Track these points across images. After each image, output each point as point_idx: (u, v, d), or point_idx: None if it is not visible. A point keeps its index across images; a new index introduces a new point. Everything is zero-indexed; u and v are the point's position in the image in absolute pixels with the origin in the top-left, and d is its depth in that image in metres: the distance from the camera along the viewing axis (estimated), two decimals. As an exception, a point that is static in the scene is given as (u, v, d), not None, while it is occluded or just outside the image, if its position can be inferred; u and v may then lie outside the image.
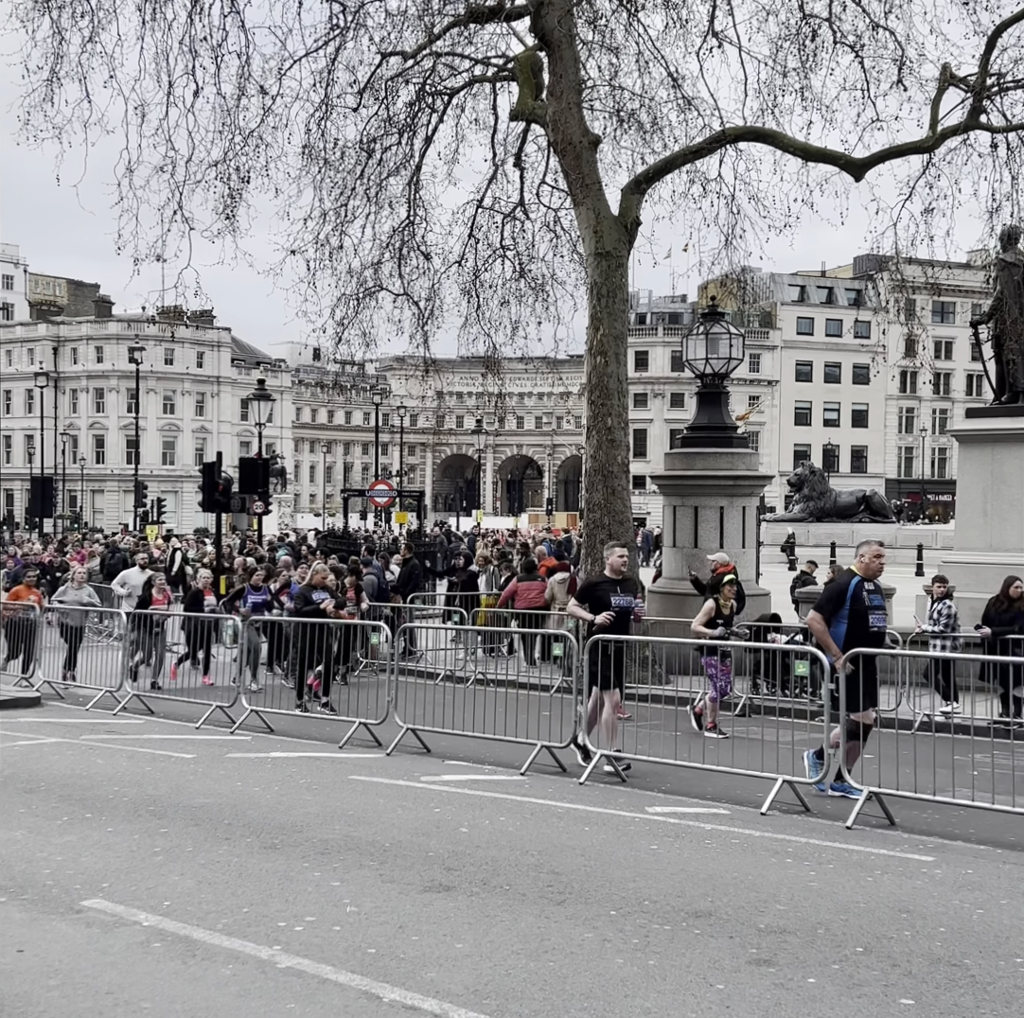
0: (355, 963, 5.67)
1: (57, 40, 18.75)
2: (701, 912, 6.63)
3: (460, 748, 12.46)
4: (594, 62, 21.59)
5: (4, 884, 6.97)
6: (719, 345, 20.32)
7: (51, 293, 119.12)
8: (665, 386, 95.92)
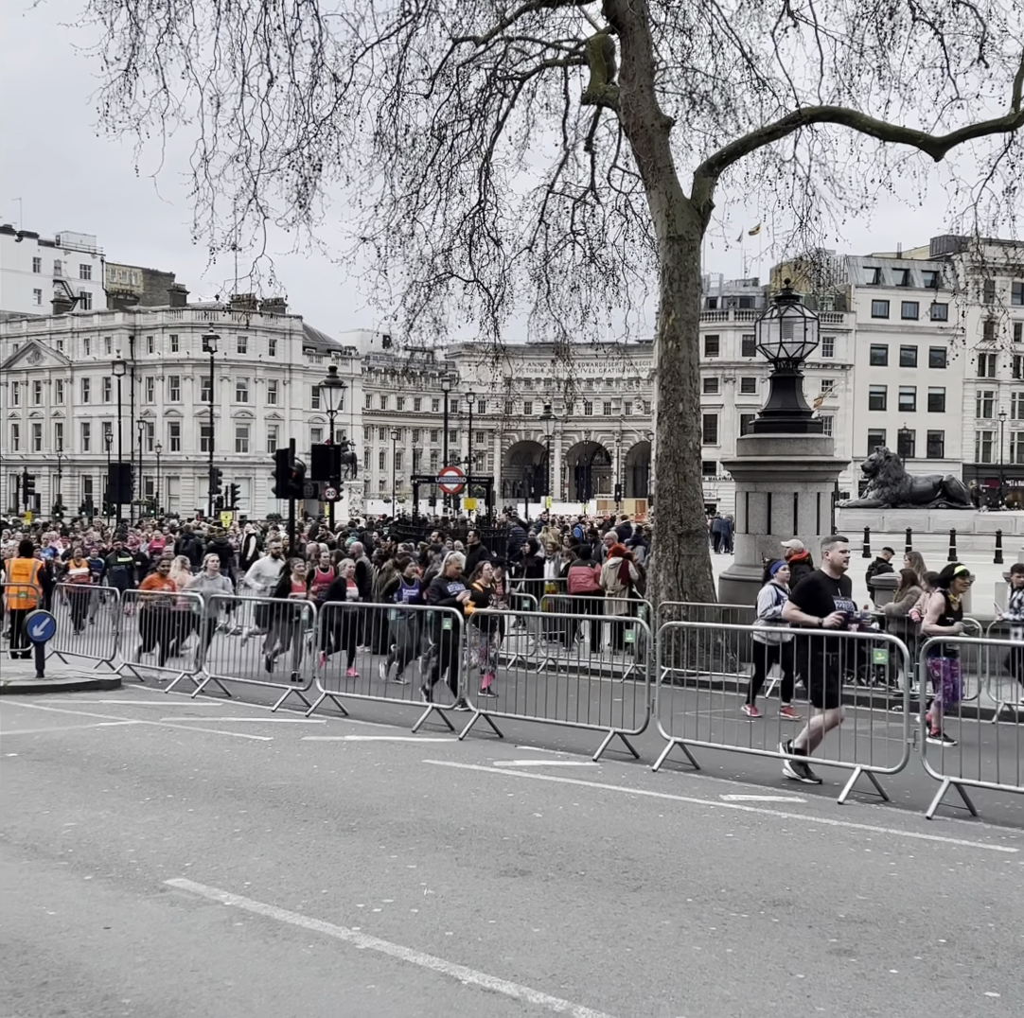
0: (433, 945, 5.71)
1: (134, 32, 19.03)
2: (779, 901, 6.58)
3: (532, 734, 12.49)
4: (666, 44, 21.45)
5: (90, 863, 7.13)
6: (793, 329, 20.03)
7: (128, 282, 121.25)
8: (736, 371, 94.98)
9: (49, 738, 11.73)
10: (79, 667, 17.69)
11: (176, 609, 17.38)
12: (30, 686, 15.50)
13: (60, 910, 6.20)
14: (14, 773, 9.90)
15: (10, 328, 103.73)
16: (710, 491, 53.36)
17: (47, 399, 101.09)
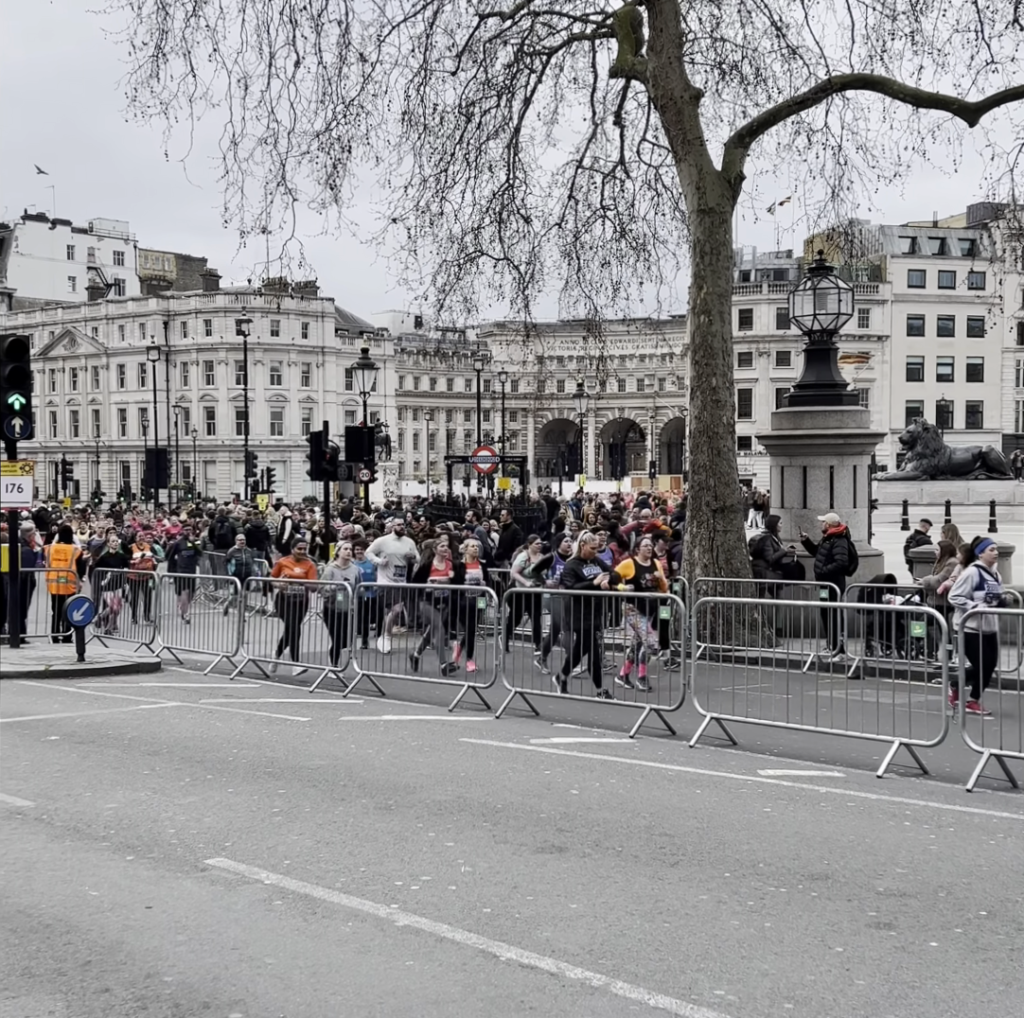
0: (471, 922, 5.74)
1: (162, 16, 19.04)
2: (818, 875, 6.56)
3: (568, 711, 12.50)
4: (695, 14, 21.22)
5: (132, 843, 7.22)
6: (827, 300, 19.83)
7: (160, 268, 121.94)
8: (770, 344, 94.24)
9: (90, 721, 11.87)
10: (119, 650, 17.88)
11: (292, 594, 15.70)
12: (71, 670, 15.68)
13: (102, 890, 6.28)
14: (57, 756, 10.03)
15: (46, 316, 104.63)
16: (745, 466, 53.13)
17: (84, 386, 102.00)
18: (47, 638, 18.80)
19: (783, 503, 19.91)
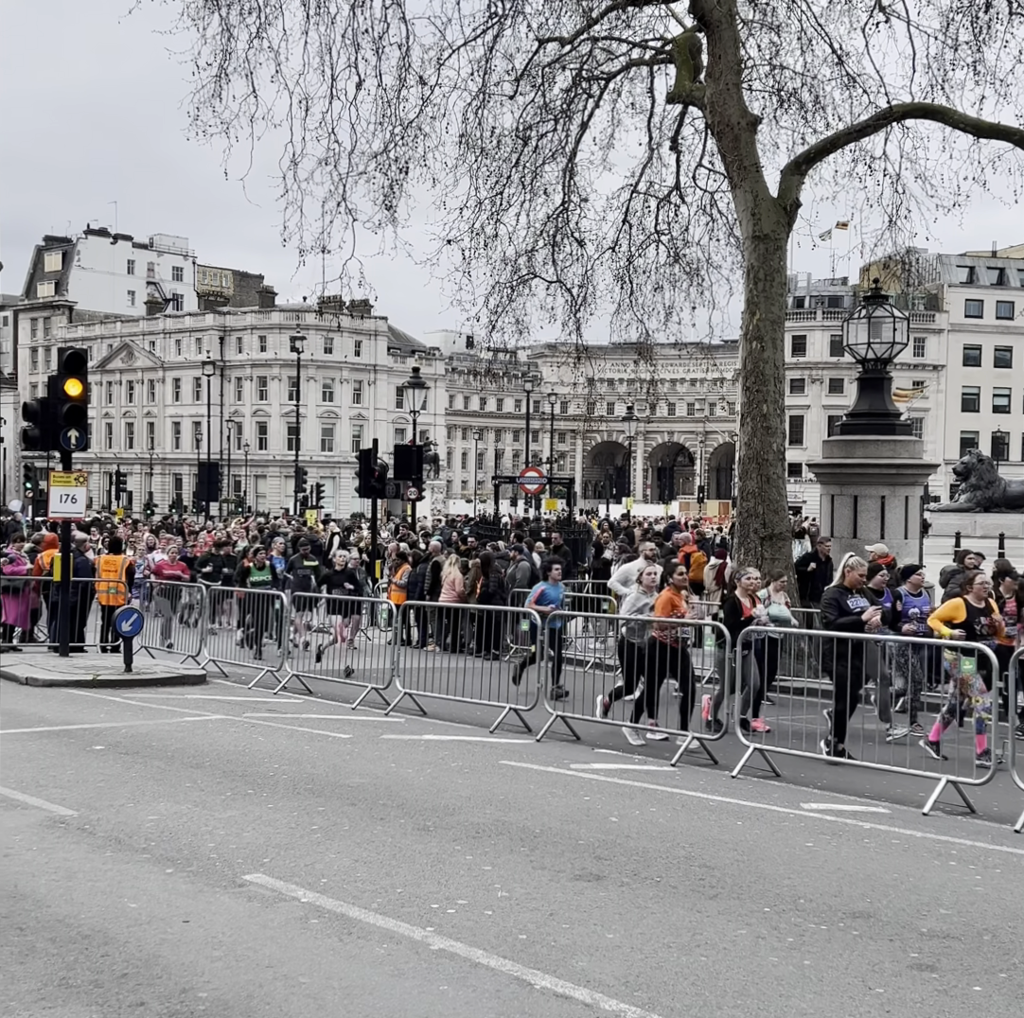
0: (506, 948, 5.70)
1: (226, 37, 19.31)
2: (859, 913, 6.45)
3: (609, 737, 12.43)
4: (754, 41, 21.20)
5: (172, 856, 7.25)
6: (882, 329, 19.65)
7: (218, 284, 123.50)
8: (823, 371, 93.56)
9: (135, 732, 11.97)
10: (166, 662, 18.03)
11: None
12: (118, 680, 15.83)
13: (141, 902, 6.31)
14: (101, 766, 10.12)
15: (105, 329, 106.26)
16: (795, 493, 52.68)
17: (140, 398, 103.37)
18: (95, 648, 18.99)
19: (833, 532, 19.69)
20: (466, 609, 18.31)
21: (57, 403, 17.61)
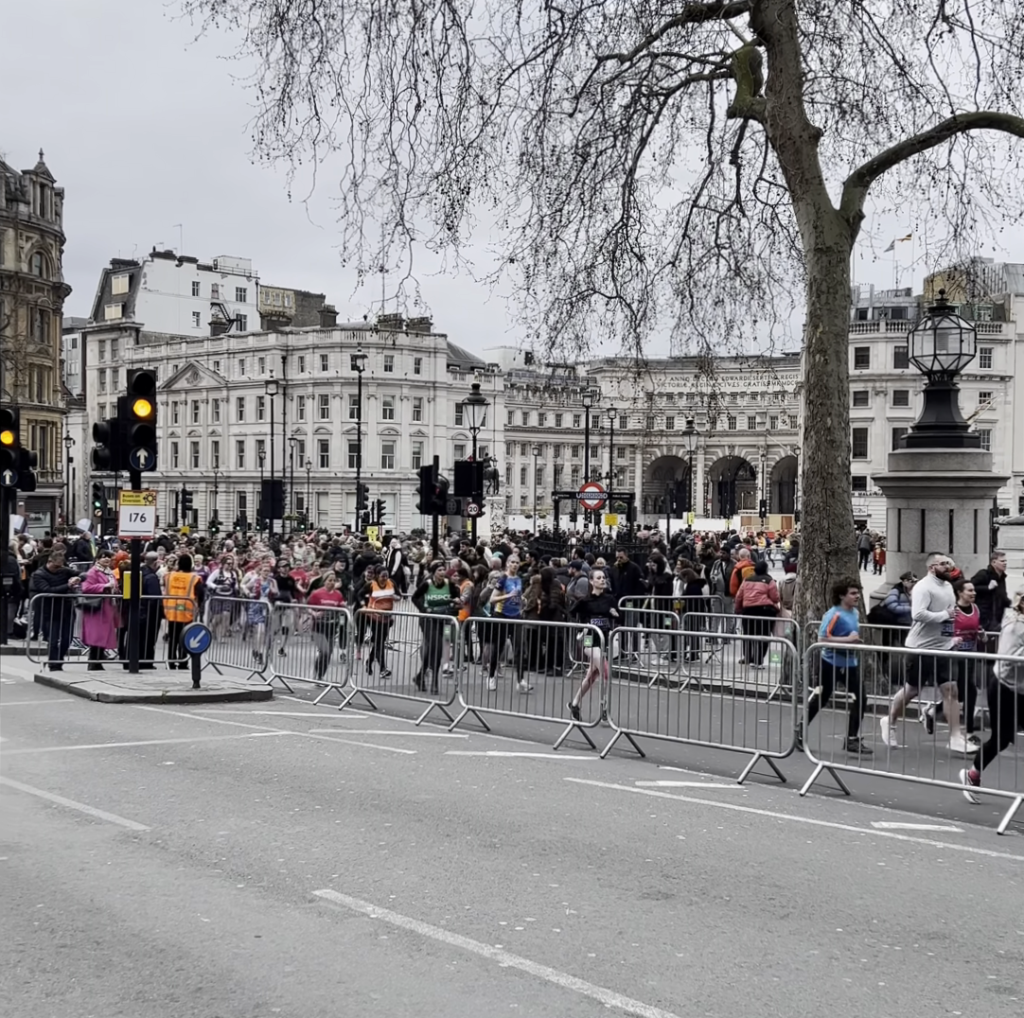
0: (576, 966, 5.68)
1: (288, 61, 19.60)
2: (934, 934, 6.35)
3: (674, 754, 12.35)
4: (815, 54, 21.08)
5: (243, 871, 7.33)
6: (948, 340, 19.40)
7: (280, 304, 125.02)
8: (887, 383, 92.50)
9: (204, 747, 12.12)
10: (232, 678, 18.24)
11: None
12: (187, 696, 16.04)
13: (214, 917, 6.38)
14: (172, 781, 10.26)
15: (170, 350, 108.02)
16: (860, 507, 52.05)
17: (204, 417, 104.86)
18: (164, 664, 19.27)
19: (900, 547, 19.45)
20: (529, 625, 18.27)
21: (126, 424, 17.95)
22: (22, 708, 15.18)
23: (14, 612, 23.24)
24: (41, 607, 19.07)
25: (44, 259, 71.26)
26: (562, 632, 17.00)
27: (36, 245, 70.36)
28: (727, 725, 12.14)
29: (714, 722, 12.11)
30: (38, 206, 70.59)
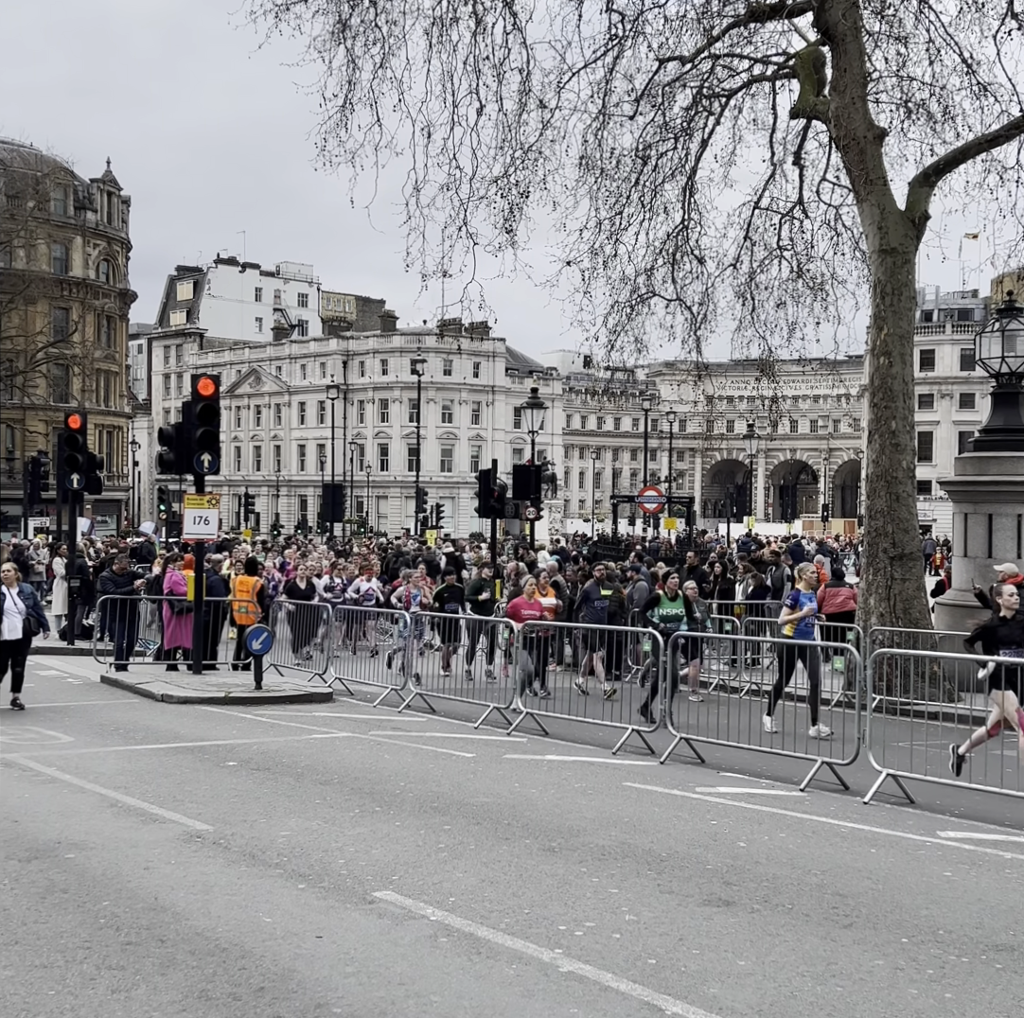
0: (636, 972, 5.65)
1: (351, 68, 19.77)
2: (1002, 946, 6.23)
3: (734, 760, 12.23)
4: (880, 53, 20.83)
5: (304, 872, 7.38)
6: (1017, 342, 19.06)
7: (341, 309, 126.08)
8: (953, 386, 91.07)
9: (266, 748, 12.23)
10: (293, 679, 18.39)
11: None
12: (249, 697, 16.20)
13: (275, 917, 6.43)
14: (234, 782, 10.37)
15: (234, 355, 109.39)
16: (924, 511, 51.35)
17: (267, 422, 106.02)
18: (227, 665, 19.48)
19: (966, 552, 19.14)
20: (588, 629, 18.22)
21: (191, 428, 18.18)
22: (89, 708, 15.43)
23: (82, 613, 23.63)
24: (107, 609, 19.37)
25: (111, 266, 72.47)
26: (622, 636, 16.93)
27: (103, 252, 71.56)
28: (789, 731, 12.02)
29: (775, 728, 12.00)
30: (105, 214, 71.80)
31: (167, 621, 19.07)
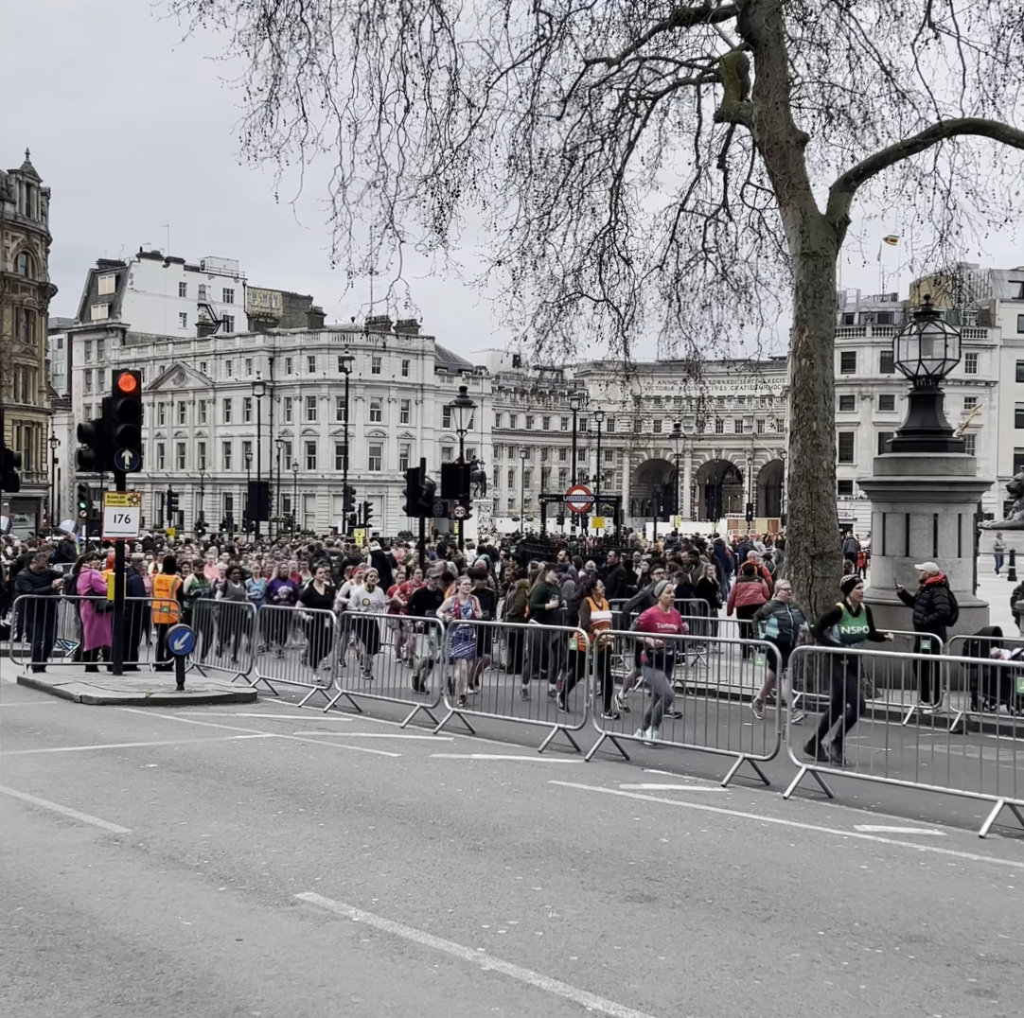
0: (558, 970, 5.68)
1: (276, 63, 19.56)
2: (916, 937, 6.36)
3: (659, 757, 12.36)
4: (802, 59, 21.12)
5: (225, 874, 7.30)
6: (933, 345, 19.48)
7: (268, 306, 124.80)
8: (873, 388, 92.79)
9: (188, 750, 12.08)
10: (217, 680, 18.18)
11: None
12: (171, 698, 15.99)
13: (195, 920, 6.36)
14: (155, 784, 10.22)
15: (157, 350, 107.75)
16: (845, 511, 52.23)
17: (191, 419, 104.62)
18: (148, 666, 19.20)
19: (885, 551, 19.51)
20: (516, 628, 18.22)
21: (111, 424, 17.88)
22: (3, 710, 15.09)
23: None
24: (25, 608, 18.99)
25: (30, 259, 71.05)
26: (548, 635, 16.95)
27: (22, 245, 70.14)
28: (711, 728, 12.16)
29: (698, 725, 12.12)
30: (24, 206, 70.38)
31: (87, 621, 18.74)
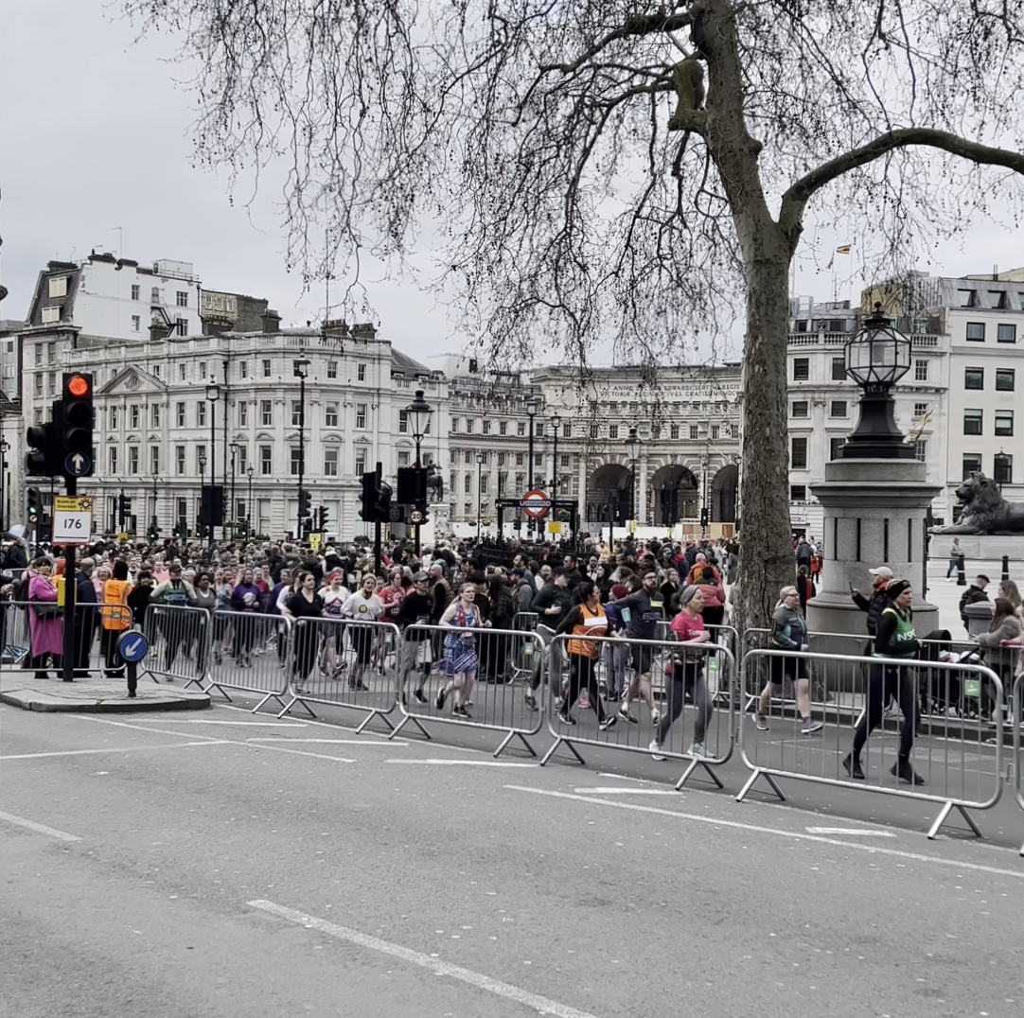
0: (511, 974, 5.68)
1: (230, 65, 19.45)
2: (865, 938, 6.43)
3: (614, 761, 12.40)
4: (755, 68, 21.33)
5: (176, 882, 7.24)
6: (884, 352, 19.73)
7: (222, 309, 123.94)
8: (826, 394, 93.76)
9: (139, 757, 11.95)
10: (169, 687, 18.01)
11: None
12: (122, 705, 15.81)
13: (145, 929, 6.29)
14: (105, 791, 10.11)
15: (109, 354, 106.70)
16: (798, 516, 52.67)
17: (144, 423, 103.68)
18: (99, 673, 18.98)
19: (837, 555, 19.72)
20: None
21: (62, 428, 17.68)
22: (-48, 718, 14.88)
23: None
24: (-28, 615, 18.73)
25: (-20, 261, 70.03)
26: (506, 640, 17.00)
27: (-29, 246, 69.10)
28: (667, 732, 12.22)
29: (654, 729, 12.19)
30: (-27, 207, 69.37)
31: (34, 627, 18.52)
